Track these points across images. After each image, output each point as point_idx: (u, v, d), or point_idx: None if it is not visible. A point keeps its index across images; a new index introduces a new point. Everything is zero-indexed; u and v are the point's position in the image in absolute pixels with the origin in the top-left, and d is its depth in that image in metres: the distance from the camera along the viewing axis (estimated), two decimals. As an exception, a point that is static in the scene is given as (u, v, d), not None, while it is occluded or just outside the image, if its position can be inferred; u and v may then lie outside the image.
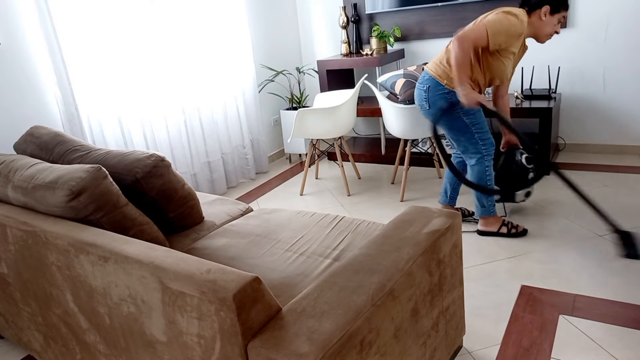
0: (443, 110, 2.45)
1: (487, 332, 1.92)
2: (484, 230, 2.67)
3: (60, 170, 1.60)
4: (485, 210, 2.63)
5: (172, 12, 3.30)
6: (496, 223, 2.64)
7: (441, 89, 2.47)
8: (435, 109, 2.50)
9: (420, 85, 2.55)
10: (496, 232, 2.64)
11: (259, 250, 1.77)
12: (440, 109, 2.47)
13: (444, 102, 2.47)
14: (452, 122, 2.50)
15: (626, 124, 3.61)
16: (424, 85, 2.52)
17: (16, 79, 2.58)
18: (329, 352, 1.04)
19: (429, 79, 2.50)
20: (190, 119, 3.48)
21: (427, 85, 2.51)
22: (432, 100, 2.50)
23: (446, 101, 2.46)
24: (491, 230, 2.65)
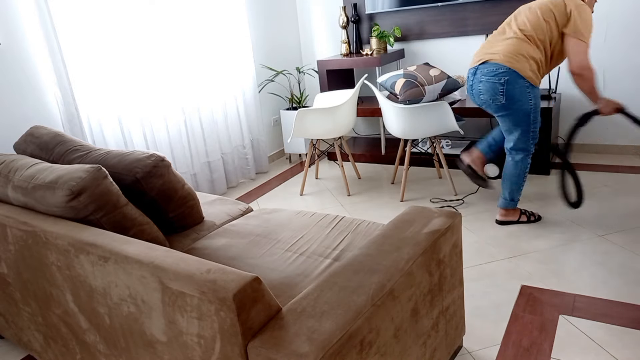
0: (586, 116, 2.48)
1: (487, 332, 1.92)
2: (504, 221, 2.75)
3: (60, 170, 1.60)
4: (513, 204, 2.71)
5: (172, 12, 3.30)
6: (516, 213, 2.74)
7: (522, 83, 2.43)
8: (513, 103, 2.46)
9: (495, 77, 2.45)
10: (516, 221, 2.74)
11: (259, 250, 1.77)
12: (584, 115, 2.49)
13: (523, 97, 2.45)
14: (518, 113, 2.49)
15: (626, 124, 3.61)
16: (500, 77, 2.44)
17: (16, 79, 2.58)
18: (329, 352, 1.04)
19: (507, 71, 2.42)
20: (190, 119, 3.48)
21: (505, 77, 2.43)
22: (510, 93, 2.44)
23: (526, 96, 2.45)
24: (512, 219, 2.74)
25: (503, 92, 2.45)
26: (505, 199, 2.72)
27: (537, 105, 2.51)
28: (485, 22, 3.82)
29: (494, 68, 2.46)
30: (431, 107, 3.00)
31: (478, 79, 2.53)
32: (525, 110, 2.49)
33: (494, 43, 2.54)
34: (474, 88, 2.59)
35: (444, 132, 3.10)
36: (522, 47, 2.43)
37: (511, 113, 2.51)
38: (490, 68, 2.47)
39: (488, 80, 2.48)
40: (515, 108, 2.49)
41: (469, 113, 3.59)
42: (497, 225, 2.78)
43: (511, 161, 2.66)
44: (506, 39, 2.49)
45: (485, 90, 2.51)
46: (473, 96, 2.63)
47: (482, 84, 2.51)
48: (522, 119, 2.52)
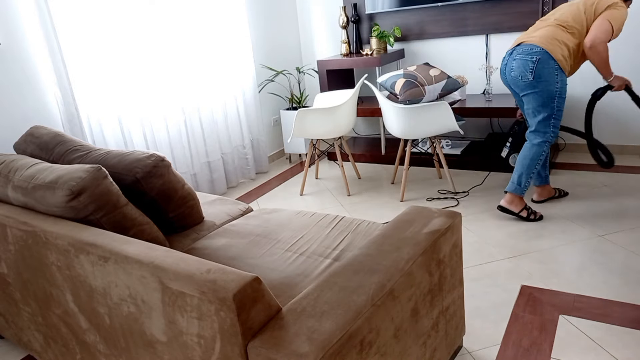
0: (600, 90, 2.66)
1: (487, 332, 1.92)
2: (506, 208, 2.79)
3: (60, 170, 1.60)
4: (520, 189, 2.73)
5: (172, 12, 3.30)
6: (520, 205, 2.76)
7: (553, 64, 2.52)
8: (539, 82, 2.55)
9: (528, 56, 2.56)
10: (516, 213, 2.77)
11: (259, 250, 1.77)
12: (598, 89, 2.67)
13: (551, 77, 2.54)
14: (544, 93, 2.57)
15: (626, 124, 3.61)
16: (533, 56, 2.54)
17: (16, 79, 2.58)
18: (329, 352, 1.04)
19: (540, 51, 2.53)
20: (190, 119, 3.48)
21: (537, 57, 2.53)
22: (539, 72, 2.54)
23: (554, 77, 2.54)
24: (513, 209, 2.77)
25: (533, 70, 2.55)
26: (513, 182, 2.75)
27: (562, 91, 2.58)
28: (485, 22, 3.82)
29: (528, 48, 2.58)
30: (431, 107, 3.00)
31: (513, 58, 2.65)
32: (551, 92, 2.56)
33: (533, 29, 2.67)
34: (507, 66, 2.69)
35: (444, 132, 3.10)
36: (558, 33, 2.56)
37: (537, 92, 2.58)
38: (526, 48, 2.60)
39: (522, 58, 2.59)
40: (541, 88, 2.56)
41: (469, 113, 3.59)
42: (497, 225, 2.78)
43: (528, 144, 2.72)
44: (545, 26, 2.61)
45: (517, 66, 2.62)
46: (505, 75, 2.73)
47: (515, 62, 2.63)
48: (546, 100, 2.59)
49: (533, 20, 3.64)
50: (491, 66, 3.83)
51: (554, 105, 2.60)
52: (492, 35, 3.85)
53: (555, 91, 2.57)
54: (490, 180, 3.46)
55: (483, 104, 3.59)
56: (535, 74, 2.55)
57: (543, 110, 2.61)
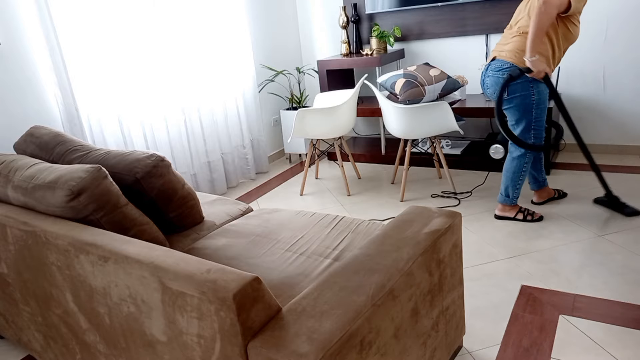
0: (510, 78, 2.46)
1: (487, 332, 1.92)
2: (501, 215, 2.82)
3: (60, 170, 1.60)
4: (510, 200, 2.76)
5: (172, 12, 3.30)
6: (513, 210, 2.79)
7: (525, 78, 2.48)
8: (514, 97, 2.53)
9: (499, 72, 2.55)
10: (512, 218, 2.79)
11: (259, 250, 1.77)
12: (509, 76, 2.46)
13: (525, 91, 2.51)
14: (520, 107, 2.55)
15: (626, 124, 3.61)
16: (504, 73, 2.53)
17: (16, 79, 2.58)
18: (329, 352, 1.04)
19: (510, 67, 2.50)
20: (190, 119, 3.48)
21: (508, 74, 2.48)
22: (512, 88, 2.52)
23: (529, 90, 2.51)
24: (508, 215, 2.80)
25: (506, 87, 2.52)
26: (501, 194, 2.79)
27: (540, 101, 2.54)
28: (485, 22, 3.82)
29: (500, 64, 2.57)
30: (431, 107, 3.00)
31: (487, 74, 2.65)
32: (527, 104, 2.54)
33: (504, 39, 2.63)
34: (484, 82, 2.70)
35: (444, 132, 3.10)
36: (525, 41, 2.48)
37: (514, 107, 2.57)
38: (497, 64, 2.58)
39: (494, 75, 2.59)
40: (517, 102, 2.55)
41: (469, 113, 3.59)
42: (497, 225, 2.78)
43: (509, 156, 2.73)
44: (512, 36, 2.56)
45: (490, 84, 2.63)
46: (483, 89, 2.74)
47: (489, 79, 2.64)
48: (524, 114, 2.57)
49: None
50: (491, 66, 3.82)
51: (531, 118, 2.57)
52: (492, 35, 3.85)
53: (532, 103, 2.53)
54: (491, 180, 3.46)
55: (483, 104, 3.59)
56: (509, 91, 2.53)
57: (521, 122, 2.60)
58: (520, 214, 2.77)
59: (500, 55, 2.58)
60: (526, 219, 2.76)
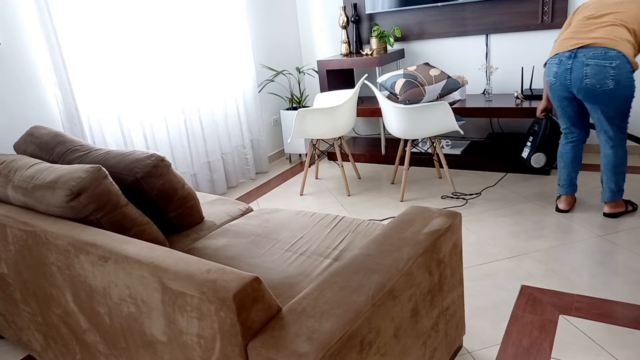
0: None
1: (487, 332, 1.92)
2: (614, 212, 2.71)
3: (60, 170, 1.60)
4: (620, 194, 2.67)
5: (172, 12, 3.30)
6: (623, 203, 2.72)
7: (629, 68, 2.38)
8: (618, 88, 2.38)
9: (606, 61, 2.35)
10: (624, 212, 2.73)
11: (259, 250, 1.77)
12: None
13: (629, 82, 2.39)
14: (621, 99, 2.43)
15: (626, 124, 3.61)
16: (611, 61, 2.35)
17: (16, 79, 2.58)
18: (329, 352, 1.04)
19: (617, 54, 2.34)
20: (190, 119, 3.48)
21: (615, 61, 2.34)
22: (618, 78, 2.36)
23: (632, 81, 2.39)
24: (621, 210, 2.72)
25: (613, 76, 2.36)
26: (613, 191, 2.66)
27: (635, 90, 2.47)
28: (485, 22, 3.82)
29: (602, 51, 2.37)
30: (431, 107, 3.00)
31: (581, 62, 2.41)
32: (628, 96, 2.43)
33: (588, 29, 2.45)
34: (573, 71, 2.45)
35: (444, 132, 3.10)
36: (623, 32, 2.40)
37: (615, 99, 2.42)
38: (597, 51, 2.37)
39: (597, 63, 2.37)
40: (621, 93, 2.41)
41: (469, 113, 3.59)
42: (497, 225, 2.78)
43: (611, 150, 2.59)
44: (605, 25, 2.42)
45: (593, 74, 2.39)
46: (569, 80, 2.49)
47: (589, 68, 2.39)
48: (624, 105, 2.46)
49: (533, 20, 3.64)
50: (491, 66, 3.83)
51: (629, 107, 2.48)
52: (492, 35, 3.85)
53: (631, 94, 2.43)
54: (490, 180, 3.46)
55: (483, 104, 3.59)
56: (616, 81, 2.36)
57: (621, 116, 2.49)
58: (630, 205, 2.74)
59: (595, 42, 2.38)
60: (635, 207, 2.74)
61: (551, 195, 3.08)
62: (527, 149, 3.20)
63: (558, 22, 3.57)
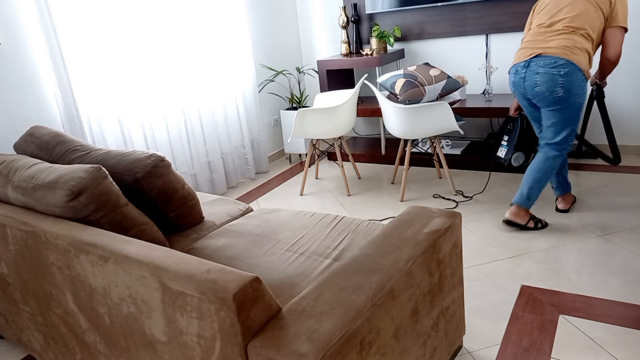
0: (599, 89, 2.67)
1: (487, 332, 1.92)
2: (512, 221, 2.66)
3: (60, 170, 1.60)
4: (528, 203, 2.62)
5: (172, 12, 3.30)
6: (526, 216, 2.65)
7: (580, 76, 2.40)
8: (570, 96, 2.41)
9: (555, 69, 2.40)
10: (524, 226, 2.66)
11: (259, 250, 1.77)
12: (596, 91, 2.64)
13: (580, 90, 2.42)
14: (572, 107, 2.46)
15: (626, 124, 3.61)
16: (560, 69, 2.39)
17: (16, 79, 2.58)
18: (329, 352, 1.04)
19: (566, 63, 2.38)
20: (190, 119, 3.48)
21: (565, 70, 2.38)
22: (569, 86, 2.40)
23: (582, 89, 2.44)
24: (520, 222, 2.65)
25: (562, 84, 2.41)
26: (522, 196, 2.62)
27: (582, 105, 2.49)
28: (485, 22, 3.82)
29: (552, 60, 2.42)
30: (431, 107, 3.00)
31: (534, 71, 2.48)
32: (579, 104, 2.47)
33: (544, 38, 2.49)
34: (527, 80, 2.52)
35: (444, 132, 3.10)
36: (576, 39, 2.41)
37: (566, 107, 2.46)
38: (548, 60, 2.43)
39: (546, 72, 2.43)
40: (571, 102, 2.44)
41: (469, 113, 3.59)
42: (497, 225, 2.78)
43: (543, 157, 2.59)
44: (558, 33, 2.45)
45: (542, 81, 2.45)
46: (524, 88, 2.56)
47: (539, 76, 2.46)
48: (573, 114, 2.48)
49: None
50: (491, 66, 3.83)
51: (579, 117, 2.49)
52: (492, 35, 3.85)
53: (582, 102, 2.47)
54: (491, 179, 3.46)
55: (483, 104, 3.59)
56: (565, 88, 2.41)
57: (569, 124, 2.50)
58: (532, 221, 2.65)
59: (547, 51, 2.43)
60: (537, 226, 2.66)
61: (551, 195, 3.08)
62: (504, 148, 3.22)
63: (558, 22, 3.57)
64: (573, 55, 2.39)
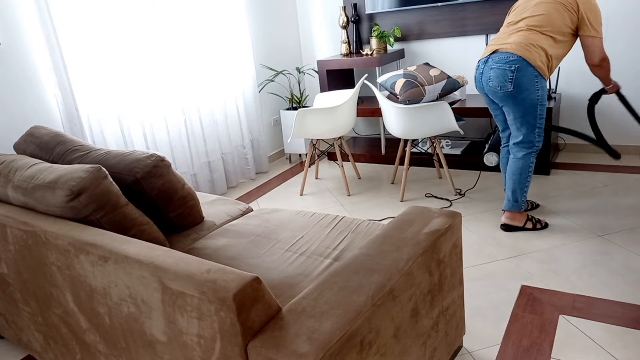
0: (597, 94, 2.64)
1: (487, 332, 1.92)
2: (510, 224, 2.67)
3: (60, 170, 1.60)
4: (518, 205, 2.63)
5: (172, 12, 3.30)
6: (522, 218, 2.66)
7: (532, 71, 2.42)
8: (520, 91, 2.44)
9: (506, 65, 2.44)
10: (522, 227, 2.66)
11: (259, 250, 1.77)
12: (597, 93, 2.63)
13: (531, 86, 2.44)
14: (525, 102, 2.47)
15: (626, 124, 3.61)
16: (511, 65, 2.43)
17: (16, 79, 2.58)
18: (329, 352, 1.04)
19: (517, 59, 2.42)
20: (190, 119, 3.48)
21: (515, 65, 2.42)
22: (518, 81, 2.43)
23: (534, 85, 2.44)
24: (517, 224, 2.66)
25: (512, 79, 2.44)
26: (509, 200, 2.65)
27: (543, 98, 2.49)
28: (485, 22, 3.82)
29: (505, 56, 2.47)
30: (431, 107, 3.00)
31: (489, 66, 2.53)
32: (532, 100, 2.47)
33: (505, 35, 2.55)
34: (483, 75, 2.58)
35: (444, 132, 3.10)
36: (533, 37, 2.44)
37: (518, 102, 2.48)
38: (502, 56, 2.48)
39: (499, 67, 2.48)
40: (523, 97, 2.46)
41: (469, 113, 3.59)
42: (497, 225, 2.78)
43: (513, 158, 2.62)
44: (518, 31, 2.50)
45: (495, 76, 2.50)
46: (482, 84, 2.61)
47: (492, 71, 2.51)
48: (528, 110, 2.49)
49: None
50: (491, 66, 3.82)
51: (536, 114, 2.50)
52: (492, 35, 3.85)
53: (537, 99, 2.47)
54: (491, 179, 3.46)
55: (483, 104, 3.59)
56: (515, 84, 2.44)
57: (526, 120, 2.51)
58: (530, 222, 2.65)
59: (503, 47, 2.49)
60: (536, 227, 2.66)
61: (551, 195, 3.08)
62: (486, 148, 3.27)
63: (558, 22, 3.57)
64: (525, 52, 2.42)
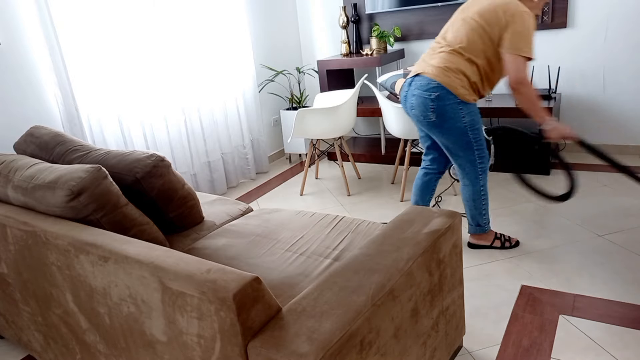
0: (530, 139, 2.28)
1: (487, 332, 1.92)
2: (475, 244, 2.55)
3: (60, 170, 1.60)
4: (481, 228, 2.50)
5: (172, 12, 3.30)
6: (489, 237, 2.53)
7: (453, 99, 2.22)
8: (444, 121, 2.26)
9: (426, 92, 2.25)
10: (489, 246, 2.53)
11: (259, 250, 1.77)
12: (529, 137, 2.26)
13: (455, 114, 2.24)
14: (452, 132, 2.29)
15: (626, 123, 3.61)
16: (430, 93, 2.23)
17: (16, 79, 2.58)
18: (329, 352, 1.04)
19: (437, 86, 2.22)
20: (190, 119, 3.48)
21: (435, 93, 2.22)
22: (440, 110, 2.24)
23: (458, 113, 2.24)
24: (485, 243, 2.53)
25: (434, 109, 2.25)
26: (471, 225, 2.52)
27: (473, 122, 2.28)
28: (485, 22, 3.81)
29: (426, 82, 2.26)
30: (431, 107, 3.00)
31: (411, 92, 2.33)
32: (459, 129, 2.27)
33: (431, 54, 2.34)
34: (407, 101, 2.38)
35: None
36: (454, 60, 2.23)
37: (445, 132, 2.30)
38: (423, 82, 2.27)
39: (420, 95, 2.28)
40: (448, 126, 2.27)
41: (469, 113, 3.58)
42: (497, 225, 2.78)
43: (462, 185, 2.46)
44: (440, 52, 2.28)
45: (416, 105, 2.30)
46: (406, 108, 2.42)
47: (414, 98, 2.31)
48: (458, 137, 2.30)
49: (533, 20, 3.64)
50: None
51: (469, 139, 2.29)
52: (492, 35, 3.85)
53: (464, 126, 2.26)
54: (490, 179, 3.46)
55: (483, 104, 3.58)
56: (438, 113, 2.24)
57: (459, 148, 2.32)
58: (497, 240, 2.51)
59: (425, 71, 2.27)
60: (504, 246, 2.51)
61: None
62: None
63: (558, 22, 3.57)
64: (445, 78, 2.22)
